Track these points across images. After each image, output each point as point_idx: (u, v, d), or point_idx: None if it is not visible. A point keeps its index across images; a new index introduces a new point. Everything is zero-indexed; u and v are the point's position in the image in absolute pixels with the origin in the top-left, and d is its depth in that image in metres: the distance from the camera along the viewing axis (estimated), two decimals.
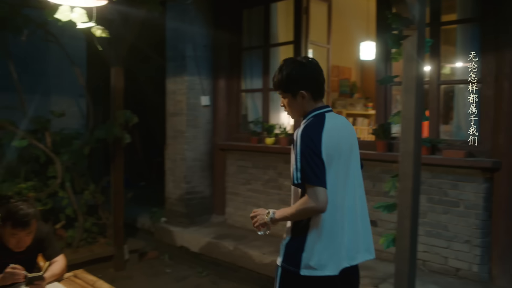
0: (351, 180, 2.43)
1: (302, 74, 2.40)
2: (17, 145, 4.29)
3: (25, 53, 6.19)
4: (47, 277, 2.96)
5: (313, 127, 2.33)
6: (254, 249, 4.85)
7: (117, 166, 5.13)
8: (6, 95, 5.78)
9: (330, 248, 2.30)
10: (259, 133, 5.51)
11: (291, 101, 2.45)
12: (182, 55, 5.59)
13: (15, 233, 2.90)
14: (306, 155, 2.24)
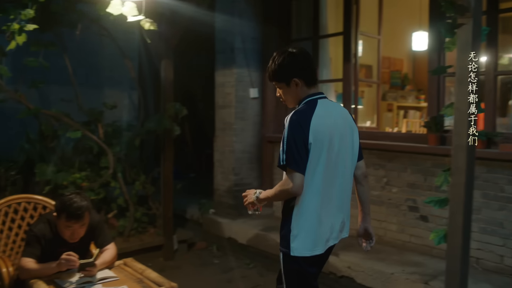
0: (340, 165, 2.55)
1: (293, 62, 2.52)
2: (71, 136, 4.43)
3: (79, 47, 6.37)
4: (98, 264, 3.06)
5: (303, 113, 2.46)
6: None
7: (167, 157, 5.22)
8: (62, 88, 5.99)
9: (315, 229, 2.49)
10: None
11: (286, 89, 2.57)
12: (231, 48, 5.61)
13: (69, 225, 3.02)
14: (292, 140, 2.39)
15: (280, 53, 2.56)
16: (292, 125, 2.41)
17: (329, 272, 4.45)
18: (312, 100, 2.53)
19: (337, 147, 2.51)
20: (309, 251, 2.50)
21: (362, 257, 4.33)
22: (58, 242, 3.09)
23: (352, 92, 5.08)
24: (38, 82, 4.45)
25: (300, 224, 2.48)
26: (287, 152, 2.41)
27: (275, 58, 2.56)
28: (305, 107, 2.50)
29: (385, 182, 4.65)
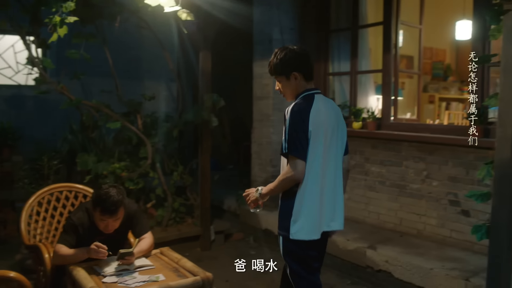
0: (333, 156, 2.74)
1: (294, 57, 2.75)
2: (111, 127, 4.51)
3: (120, 40, 6.48)
4: (136, 253, 3.10)
5: (302, 105, 2.66)
6: (338, 235, 4.73)
7: (205, 148, 5.25)
8: (103, 80, 6.10)
9: (312, 214, 2.66)
10: (346, 117, 5.36)
11: (286, 82, 2.78)
12: (269, 39, 5.59)
13: (103, 219, 3.06)
14: (294, 130, 2.59)
15: (282, 49, 2.79)
16: (293, 116, 2.63)
17: (366, 266, 4.39)
18: (309, 95, 2.74)
19: (329, 140, 2.70)
20: (307, 235, 2.67)
21: (400, 251, 4.25)
22: (96, 230, 3.14)
23: (392, 83, 4.97)
24: (79, 74, 4.55)
25: (300, 209, 2.65)
26: (289, 141, 2.61)
27: (277, 54, 2.78)
28: (304, 101, 2.71)
29: (425, 175, 4.54)
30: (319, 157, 2.63)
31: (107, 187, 3.11)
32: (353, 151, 5.21)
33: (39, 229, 3.71)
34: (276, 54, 2.78)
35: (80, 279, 2.83)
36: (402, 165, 4.74)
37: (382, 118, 5.01)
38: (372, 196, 5.04)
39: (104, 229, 3.11)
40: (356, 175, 5.19)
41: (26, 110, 6.43)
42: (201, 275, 2.92)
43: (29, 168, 4.92)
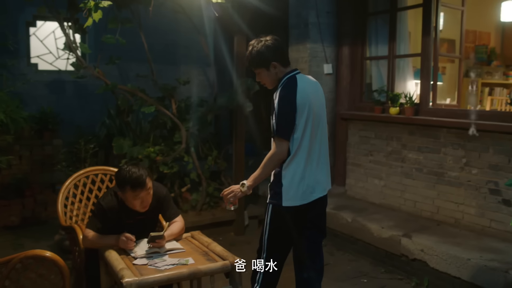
0: (320, 131, 2.99)
1: (269, 48, 2.93)
2: (146, 111, 4.54)
3: (156, 25, 6.51)
4: (167, 236, 3.12)
5: (288, 88, 2.87)
6: (373, 222, 4.69)
7: (239, 133, 5.24)
8: (140, 65, 6.17)
9: (302, 183, 2.90)
10: (383, 103, 5.26)
11: (266, 73, 2.97)
12: (305, 22, 5.49)
13: (136, 194, 3.05)
14: (282, 113, 2.83)
15: (256, 42, 2.97)
16: (281, 99, 2.85)
17: (401, 255, 4.30)
18: (292, 77, 2.94)
19: (316, 114, 2.94)
20: (298, 201, 2.92)
21: (437, 240, 4.14)
22: (126, 214, 3.17)
23: (431, 68, 4.81)
24: (115, 59, 4.59)
25: (290, 179, 2.89)
26: (277, 124, 2.85)
27: (253, 47, 2.96)
28: (288, 83, 2.90)
29: (464, 162, 4.40)
30: (307, 131, 2.87)
31: (127, 166, 3.13)
32: (390, 137, 5.10)
33: (75, 211, 3.79)
34: (252, 48, 2.96)
35: (112, 260, 2.87)
36: (440, 152, 4.60)
37: (420, 104, 4.87)
38: (409, 184, 4.92)
39: (141, 206, 3.10)
40: (392, 161, 5.08)
41: (66, 95, 6.56)
42: (230, 259, 2.91)
43: (67, 152, 5.03)
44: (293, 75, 2.95)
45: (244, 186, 2.97)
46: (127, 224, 3.12)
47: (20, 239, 5.24)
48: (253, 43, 2.98)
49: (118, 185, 3.11)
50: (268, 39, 2.97)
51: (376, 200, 5.29)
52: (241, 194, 3.00)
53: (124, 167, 3.12)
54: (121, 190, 3.09)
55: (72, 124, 6.36)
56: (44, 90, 6.36)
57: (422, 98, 4.86)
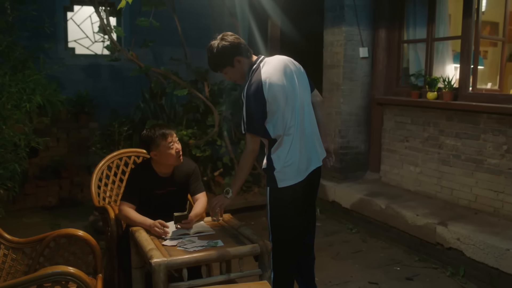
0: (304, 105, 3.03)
1: (229, 46, 2.93)
2: (178, 94, 4.54)
3: (189, 8, 6.50)
4: (192, 216, 3.12)
5: (253, 86, 2.88)
6: (408, 209, 4.58)
7: None
8: (174, 48, 6.17)
9: (292, 163, 2.97)
10: (420, 87, 5.10)
11: (232, 70, 2.99)
12: (341, 5, 5.36)
13: (169, 142, 3.14)
14: (249, 112, 2.89)
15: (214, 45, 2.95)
16: (248, 99, 2.89)
17: (436, 243, 4.19)
18: (256, 69, 2.95)
19: (296, 91, 2.97)
20: (292, 180, 3.00)
21: (474, 229, 4.01)
22: (157, 183, 3.22)
23: (472, 51, 4.63)
24: (148, 41, 4.59)
25: (280, 162, 2.97)
26: (247, 121, 2.91)
27: (212, 50, 2.94)
28: (253, 80, 2.91)
29: (505, 149, 4.23)
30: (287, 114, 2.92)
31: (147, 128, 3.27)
32: (427, 122, 4.96)
33: (108, 192, 3.84)
34: (212, 51, 2.95)
35: (141, 241, 2.88)
36: (479, 139, 4.44)
37: (460, 88, 4.70)
38: (446, 171, 4.78)
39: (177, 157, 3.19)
40: (429, 148, 4.94)
41: (102, 79, 6.64)
42: (260, 242, 2.88)
43: (101, 134, 5.10)
44: (257, 66, 2.97)
45: (229, 192, 3.03)
46: (159, 195, 3.18)
47: (57, 219, 5.37)
48: (211, 45, 2.98)
49: (151, 144, 3.16)
50: (223, 37, 2.99)
51: (411, 187, 5.16)
52: (228, 202, 3.08)
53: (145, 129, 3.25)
54: (153, 147, 3.16)
55: (107, 107, 6.44)
56: (80, 74, 6.45)
57: (461, 82, 4.69)
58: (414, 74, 5.20)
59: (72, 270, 2.52)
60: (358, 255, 4.52)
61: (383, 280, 3.99)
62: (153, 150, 3.17)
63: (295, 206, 3.16)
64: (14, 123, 4.18)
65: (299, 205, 3.20)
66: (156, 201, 3.23)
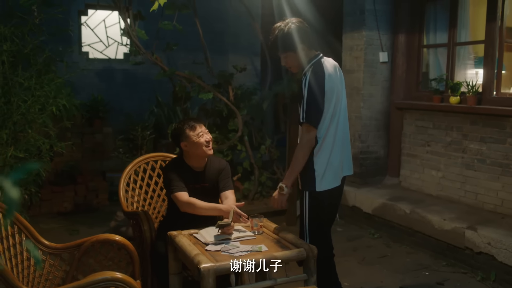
0: (343, 114, 3.06)
1: (297, 30, 2.92)
2: (204, 98, 4.51)
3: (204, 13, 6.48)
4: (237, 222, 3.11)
5: (317, 74, 2.90)
6: (433, 213, 4.57)
7: (293, 121, 5.16)
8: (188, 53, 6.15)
9: (332, 166, 3.01)
10: (442, 92, 5.10)
11: (293, 56, 2.96)
12: (361, 9, 5.36)
13: (200, 131, 3.18)
14: (312, 100, 2.87)
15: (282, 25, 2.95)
16: (310, 86, 2.87)
17: (465, 248, 4.17)
18: (318, 61, 2.97)
19: (340, 98, 3.01)
20: (331, 184, 3.04)
21: (504, 233, 4.00)
22: (192, 178, 3.24)
23: (496, 56, 4.64)
24: (172, 45, 4.56)
25: (321, 165, 2.98)
26: (307, 111, 2.88)
27: (279, 30, 2.93)
28: (316, 69, 2.93)
29: None
30: (335, 117, 2.97)
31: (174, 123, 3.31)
32: (449, 127, 4.96)
33: (136, 197, 3.79)
34: (279, 31, 2.94)
35: (184, 246, 2.84)
36: (506, 143, 4.43)
37: (483, 93, 4.70)
38: (470, 175, 4.77)
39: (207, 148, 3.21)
40: (452, 152, 4.93)
41: (115, 84, 6.60)
42: (305, 247, 2.85)
43: (124, 139, 5.04)
44: (319, 60, 2.98)
45: (284, 188, 3.03)
46: (193, 188, 3.21)
47: (74, 225, 5.30)
48: (279, 26, 2.95)
49: (180, 135, 3.21)
50: (294, 21, 2.97)
51: (433, 192, 5.15)
52: (286, 198, 3.09)
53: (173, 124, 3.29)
54: (184, 139, 3.19)
55: (121, 112, 6.40)
56: (94, 78, 6.42)
57: (485, 86, 4.70)
58: (436, 79, 5.20)
59: (120, 275, 2.49)
60: (384, 260, 4.49)
61: (414, 285, 3.97)
62: (183, 141, 3.20)
63: (330, 211, 3.21)
64: (39, 127, 4.13)
65: (334, 210, 3.26)
66: (192, 195, 3.20)
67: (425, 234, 4.57)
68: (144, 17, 4.43)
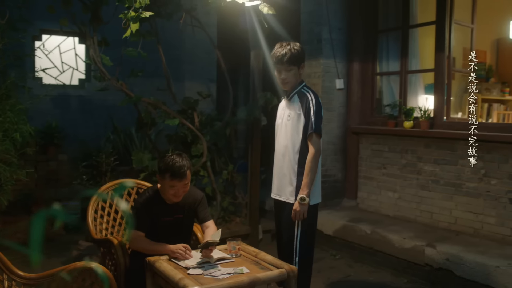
0: None
1: (302, 50, 3.31)
2: (170, 124, 4.53)
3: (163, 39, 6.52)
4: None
5: (316, 95, 3.30)
6: (393, 233, 4.76)
7: (255, 147, 5.26)
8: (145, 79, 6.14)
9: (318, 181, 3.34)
10: (396, 117, 5.38)
11: (295, 72, 3.26)
12: (318, 38, 5.60)
13: (173, 184, 3.08)
14: (319, 112, 3.20)
15: (291, 43, 3.28)
16: (317, 101, 3.24)
17: (425, 264, 4.37)
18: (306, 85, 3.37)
19: None
20: (319, 199, 3.39)
21: (461, 249, 4.23)
22: (163, 211, 3.20)
23: (445, 83, 4.96)
24: (137, 72, 4.57)
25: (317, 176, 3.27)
26: (316, 121, 3.18)
27: (290, 46, 3.23)
28: (311, 89, 3.34)
29: (483, 173, 4.53)
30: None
31: (172, 154, 3.18)
32: (404, 150, 5.22)
33: (104, 224, 3.74)
34: (290, 46, 3.22)
35: (166, 270, 2.83)
36: (457, 164, 4.73)
37: (435, 117, 5.01)
38: (425, 195, 5.03)
39: (174, 197, 3.12)
40: (407, 174, 5.18)
41: (70, 110, 6.49)
42: (286, 267, 2.92)
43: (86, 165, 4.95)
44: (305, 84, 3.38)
45: (304, 199, 3.18)
46: (165, 222, 3.17)
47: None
48: (289, 43, 3.27)
49: (159, 171, 3.14)
50: (297, 43, 3.32)
51: (390, 213, 5.37)
52: (307, 208, 3.22)
53: (169, 155, 3.18)
54: (160, 176, 3.13)
55: (76, 139, 6.28)
56: (48, 104, 6.28)
57: (436, 112, 5.00)
58: (390, 105, 5.48)
59: None
60: (348, 280, 4.62)
61: None
62: (159, 177, 3.16)
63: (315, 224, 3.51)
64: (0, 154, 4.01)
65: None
66: (163, 229, 3.20)
67: (385, 253, 4.75)
68: (109, 43, 4.42)
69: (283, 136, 3.33)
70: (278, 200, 3.45)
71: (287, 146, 3.30)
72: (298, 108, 3.25)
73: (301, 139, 3.25)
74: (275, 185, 3.46)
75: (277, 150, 3.42)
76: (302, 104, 3.23)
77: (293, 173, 3.29)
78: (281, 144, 3.35)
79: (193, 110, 4.88)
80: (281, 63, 3.22)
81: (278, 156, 3.39)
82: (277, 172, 3.42)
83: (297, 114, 3.24)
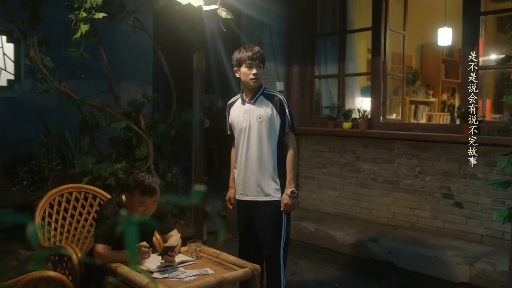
0: None
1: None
2: (116, 127, 4.44)
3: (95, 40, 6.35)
4: (177, 248, 3.13)
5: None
6: (336, 230, 4.96)
7: (199, 150, 5.27)
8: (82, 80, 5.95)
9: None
10: (335, 118, 5.59)
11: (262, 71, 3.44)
12: (259, 42, 5.70)
13: (143, 201, 3.04)
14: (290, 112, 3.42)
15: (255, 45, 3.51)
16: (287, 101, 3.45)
17: (368, 258, 4.60)
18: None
19: None
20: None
21: (401, 242, 4.50)
22: None
23: (381, 86, 5.24)
24: (80, 73, 4.44)
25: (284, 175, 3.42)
26: (292, 120, 3.41)
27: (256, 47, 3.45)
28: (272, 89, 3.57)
29: (418, 171, 4.83)
30: None
31: (141, 171, 3.15)
32: (344, 150, 5.44)
33: (52, 232, 3.62)
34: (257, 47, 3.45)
35: (133, 276, 2.81)
36: (394, 162, 5.01)
37: (372, 119, 5.27)
38: (364, 193, 5.28)
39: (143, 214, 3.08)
40: (347, 173, 5.41)
41: None
42: (250, 266, 2.98)
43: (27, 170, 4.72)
44: None
45: (295, 192, 3.37)
46: None
47: None
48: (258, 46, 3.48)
49: (128, 188, 3.09)
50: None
51: (331, 210, 5.58)
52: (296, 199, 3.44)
53: (138, 171, 3.14)
54: (129, 193, 3.08)
55: (5, 143, 5.97)
56: None
57: (373, 113, 5.27)
58: (329, 106, 5.69)
59: None
60: (295, 277, 4.75)
61: None
62: (128, 194, 3.11)
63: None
64: None
65: None
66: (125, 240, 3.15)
67: (330, 250, 4.94)
68: (50, 44, 4.26)
69: (255, 138, 3.35)
70: (245, 200, 3.48)
71: (263, 147, 3.35)
72: (270, 108, 3.35)
73: (277, 138, 3.38)
74: (242, 186, 3.47)
75: (246, 153, 3.40)
76: (275, 104, 3.36)
77: (274, 171, 3.38)
78: (253, 147, 3.36)
79: (138, 112, 4.81)
80: (254, 59, 3.34)
81: (250, 160, 3.38)
82: (249, 175, 3.41)
83: (270, 114, 3.33)
